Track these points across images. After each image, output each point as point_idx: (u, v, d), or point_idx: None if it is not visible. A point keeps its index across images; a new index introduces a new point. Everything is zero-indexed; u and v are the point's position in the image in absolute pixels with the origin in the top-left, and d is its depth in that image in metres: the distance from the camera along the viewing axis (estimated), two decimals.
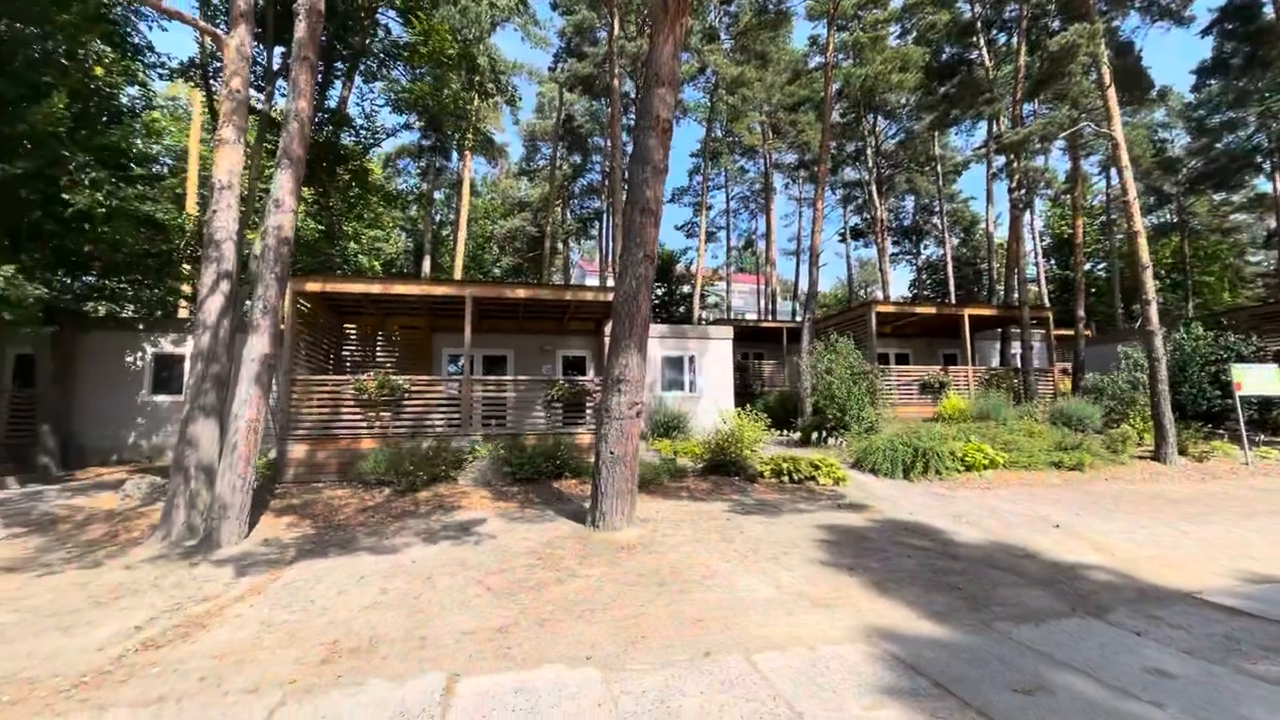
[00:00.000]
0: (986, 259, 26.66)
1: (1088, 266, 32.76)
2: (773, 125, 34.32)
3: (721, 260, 43.51)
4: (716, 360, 16.30)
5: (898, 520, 7.34)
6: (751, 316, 40.46)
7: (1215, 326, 15.67)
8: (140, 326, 13.48)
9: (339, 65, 16.01)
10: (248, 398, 6.78)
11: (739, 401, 16.15)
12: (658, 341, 15.49)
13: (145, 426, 13.01)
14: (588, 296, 12.28)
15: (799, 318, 23.84)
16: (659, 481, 9.10)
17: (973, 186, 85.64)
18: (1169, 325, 15.98)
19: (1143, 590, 4.81)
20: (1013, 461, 10.44)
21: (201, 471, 6.87)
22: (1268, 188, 27.26)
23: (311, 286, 10.38)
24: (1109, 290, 31.08)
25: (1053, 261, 36.39)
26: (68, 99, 10.28)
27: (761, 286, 38.59)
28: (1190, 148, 27.80)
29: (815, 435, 13.51)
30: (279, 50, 13.52)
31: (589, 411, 11.12)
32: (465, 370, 11.23)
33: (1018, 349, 17.33)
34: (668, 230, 56.15)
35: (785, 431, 15.04)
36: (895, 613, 4.28)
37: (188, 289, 15.43)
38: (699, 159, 36.64)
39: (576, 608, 4.38)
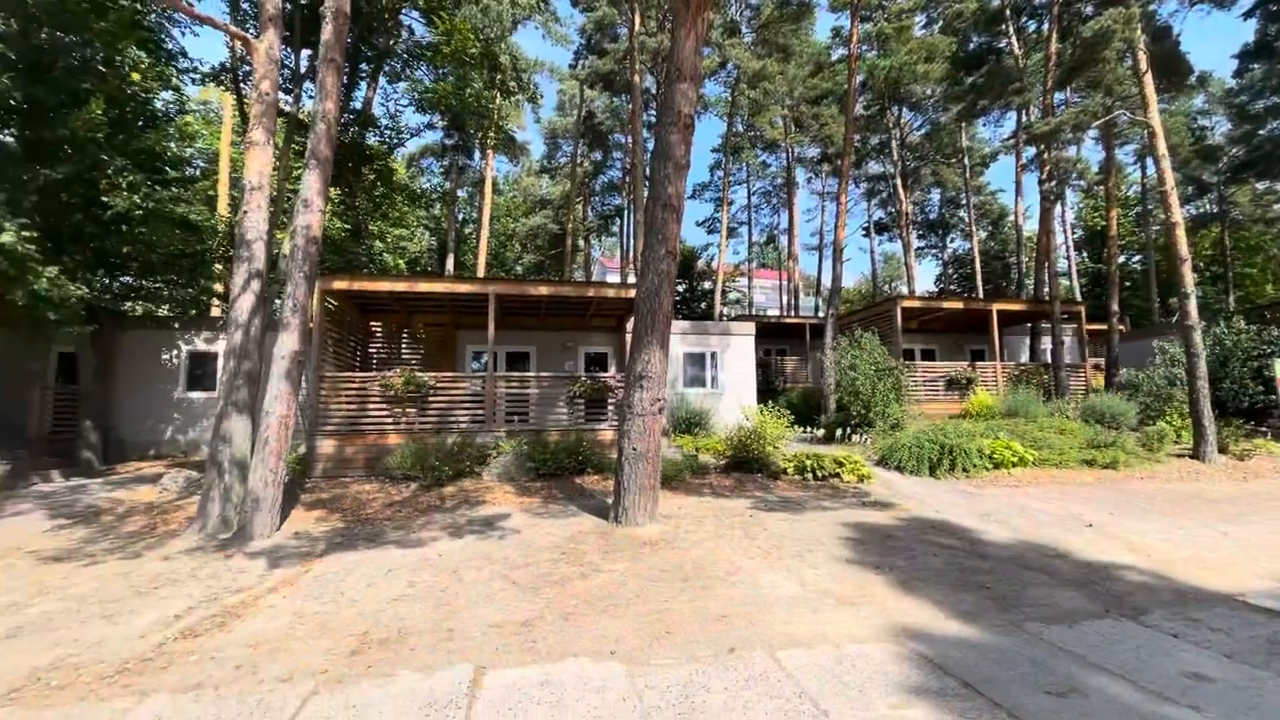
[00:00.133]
0: (1015, 252, 26.12)
1: (1122, 259, 31.80)
2: (795, 119, 33.96)
3: (743, 256, 43.18)
4: (738, 356, 16.22)
5: (924, 518, 7.24)
6: (773, 313, 40.20)
7: (1258, 320, 15.12)
8: (175, 325, 13.88)
9: (364, 66, 16.29)
10: (278, 394, 6.95)
11: (761, 398, 16.06)
12: (679, 338, 15.46)
13: (181, 422, 13.40)
14: (609, 293, 12.32)
15: (822, 313, 23.58)
16: (681, 478, 9.10)
17: (1001, 178, 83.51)
18: (1208, 319, 15.45)
19: (1180, 592, 4.68)
20: (1043, 459, 10.22)
21: (235, 466, 7.06)
22: None
23: (339, 285, 10.58)
24: (1144, 284, 30.21)
25: (1084, 255, 35.47)
26: (105, 105, 10.60)
27: (783, 282, 38.26)
28: (1231, 135, 26.80)
29: (839, 432, 13.39)
30: (306, 53, 13.82)
31: (611, 408, 11.16)
32: (489, 367, 11.37)
33: (1048, 344, 16.94)
34: (689, 226, 55.94)
35: (808, 428, 14.92)
36: (922, 612, 4.22)
37: (220, 288, 15.84)
38: (720, 154, 36.48)
39: (600, 602, 4.40)
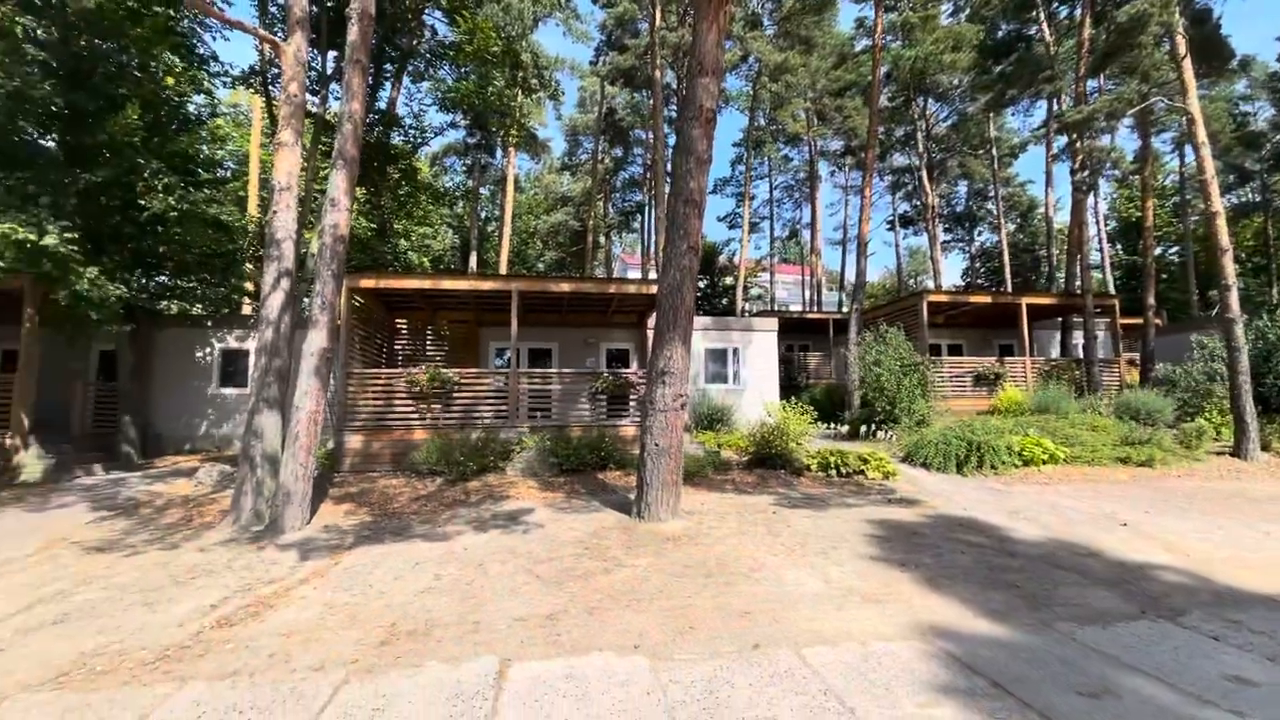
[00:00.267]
0: (1045, 245, 25.51)
1: (1158, 251, 30.83)
2: (818, 111, 33.51)
3: (765, 251, 42.70)
4: (760, 352, 16.11)
5: (951, 516, 7.13)
6: (796, 308, 39.81)
7: None
8: (208, 323, 14.28)
9: (388, 67, 16.51)
10: (308, 390, 7.10)
11: (784, 394, 15.93)
12: (701, 334, 15.40)
13: (215, 417, 13.78)
14: (631, 289, 12.33)
15: (845, 309, 23.31)
16: (703, 474, 9.09)
17: (1030, 169, 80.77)
18: (1250, 312, 14.89)
19: (1219, 593, 4.53)
20: (1075, 456, 9.98)
21: (266, 461, 7.24)
22: None
23: (365, 283, 10.76)
24: (1181, 276, 29.22)
25: (1118, 246, 34.44)
26: (140, 109, 10.93)
27: (806, 277, 37.87)
28: (1276, 121, 25.80)
29: (863, 429, 13.23)
30: (332, 55, 14.04)
31: (633, 404, 11.18)
32: (512, 363, 11.46)
33: (1079, 339, 16.50)
34: (710, 221, 55.65)
35: (832, 425, 14.77)
36: (949, 610, 4.16)
37: (250, 286, 16.26)
38: (741, 148, 36.20)
39: (624, 597, 4.43)
